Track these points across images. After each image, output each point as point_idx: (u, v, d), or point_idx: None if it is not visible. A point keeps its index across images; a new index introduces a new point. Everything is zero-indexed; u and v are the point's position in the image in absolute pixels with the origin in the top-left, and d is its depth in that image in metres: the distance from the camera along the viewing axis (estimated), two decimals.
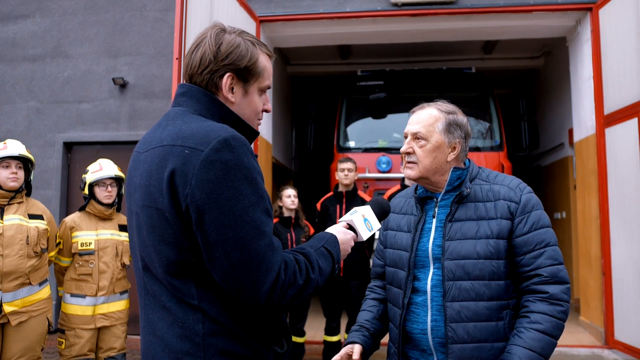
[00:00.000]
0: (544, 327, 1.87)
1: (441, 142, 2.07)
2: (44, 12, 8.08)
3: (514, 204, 1.99)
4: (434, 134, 2.07)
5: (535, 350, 1.84)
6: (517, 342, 1.87)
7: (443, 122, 2.08)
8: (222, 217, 1.35)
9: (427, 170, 2.08)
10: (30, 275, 3.79)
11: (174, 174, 1.39)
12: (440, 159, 2.08)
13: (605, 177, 6.63)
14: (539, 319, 1.89)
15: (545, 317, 1.89)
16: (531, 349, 1.84)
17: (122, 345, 4.24)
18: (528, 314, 1.92)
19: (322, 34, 7.88)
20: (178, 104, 1.60)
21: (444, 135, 2.07)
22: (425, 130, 2.08)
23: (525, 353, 1.84)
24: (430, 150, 2.07)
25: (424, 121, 2.10)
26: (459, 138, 2.10)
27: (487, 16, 7.29)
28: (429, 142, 2.07)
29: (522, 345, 1.86)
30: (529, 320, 1.90)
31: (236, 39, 1.58)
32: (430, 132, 2.07)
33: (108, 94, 7.79)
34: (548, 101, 10.32)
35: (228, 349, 1.43)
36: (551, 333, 1.88)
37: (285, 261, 1.43)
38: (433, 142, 2.07)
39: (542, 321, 1.88)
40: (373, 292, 2.40)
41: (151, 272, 1.50)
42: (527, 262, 1.95)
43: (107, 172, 4.19)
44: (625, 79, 6.26)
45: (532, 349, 1.84)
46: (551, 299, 1.91)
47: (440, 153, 2.08)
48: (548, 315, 1.89)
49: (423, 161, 2.08)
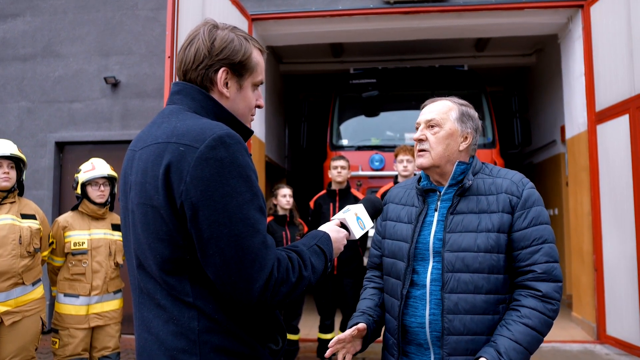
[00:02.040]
0: (533, 323, 1.89)
1: (454, 129, 2.09)
2: (35, 11, 8.03)
3: (515, 197, 2.00)
4: (448, 122, 2.10)
5: (522, 344, 1.86)
6: (504, 332, 1.89)
7: (457, 111, 2.12)
8: (216, 215, 1.35)
9: (440, 158, 2.09)
10: (23, 275, 3.78)
11: (169, 171, 1.39)
12: (452, 147, 2.09)
13: (597, 174, 6.67)
14: (528, 314, 1.90)
15: (535, 313, 1.90)
16: (517, 341, 1.86)
17: (116, 344, 4.23)
18: (519, 307, 1.93)
19: (314, 32, 7.88)
20: (173, 101, 1.60)
21: (458, 124, 2.10)
22: (440, 118, 2.10)
23: (511, 344, 1.85)
24: (444, 137, 2.09)
25: (438, 110, 2.13)
26: (470, 129, 2.13)
27: (479, 13, 7.32)
28: (442, 129, 2.09)
29: (508, 336, 1.87)
30: (519, 314, 1.91)
31: (229, 34, 1.59)
32: (444, 120, 2.10)
33: (100, 93, 7.76)
34: (540, 98, 10.37)
35: (223, 346, 1.43)
36: (539, 329, 1.90)
37: (279, 259, 1.44)
38: (447, 129, 2.09)
39: (532, 316, 1.89)
40: (372, 281, 2.38)
41: (145, 270, 1.50)
42: (523, 257, 1.97)
43: (100, 172, 4.18)
44: (617, 76, 6.30)
45: (518, 341, 1.86)
46: (543, 297, 1.92)
47: (453, 141, 2.09)
48: (538, 312, 1.90)
49: (436, 148, 2.09)
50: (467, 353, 1.93)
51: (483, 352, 1.86)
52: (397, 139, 8.00)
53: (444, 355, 1.95)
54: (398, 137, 8.08)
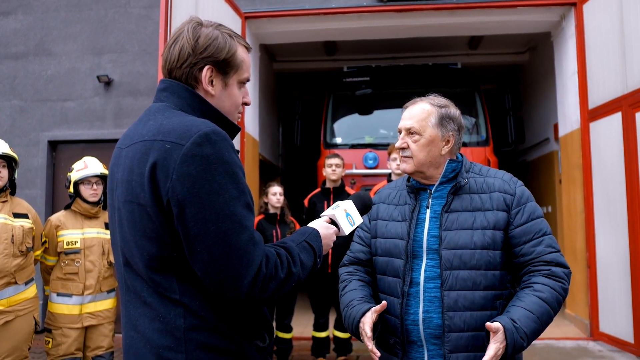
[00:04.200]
0: (545, 296, 1.92)
1: (435, 136, 2.11)
2: (26, 9, 7.99)
3: (509, 196, 2.05)
4: (427, 129, 2.11)
5: (534, 313, 1.88)
6: (517, 303, 1.92)
7: (436, 116, 2.12)
8: (203, 211, 1.35)
9: (421, 164, 2.12)
10: (16, 275, 3.76)
11: (155, 168, 1.39)
12: (434, 152, 2.11)
13: (589, 171, 6.69)
14: (540, 288, 1.93)
15: (547, 287, 1.93)
16: (530, 310, 1.88)
17: (109, 343, 4.22)
18: (531, 284, 1.97)
19: (307, 30, 7.88)
20: (159, 99, 1.60)
21: (437, 129, 2.11)
22: (419, 125, 2.11)
23: (524, 312, 1.87)
24: (424, 145, 2.10)
25: (417, 116, 2.13)
26: (452, 131, 2.14)
27: (472, 11, 7.33)
28: (422, 137, 2.11)
29: (521, 306, 1.90)
30: (531, 289, 1.95)
31: (214, 31, 1.58)
32: (423, 127, 2.11)
33: (93, 91, 7.73)
34: (533, 96, 10.39)
35: (209, 343, 1.43)
36: (551, 304, 1.92)
37: (267, 255, 1.44)
38: (427, 136, 2.10)
39: (544, 290, 1.93)
40: (356, 274, 2.31)
41: (132, 267, 1.50)
42: (527, 251, 2.01)
43: (92, 170, 4.17)
44: (609, 74, 6.32)
45: (531, 310, 1.88)
46: (553, 275, 1.96)
47: (434, 147, 2.11)
48: (549, 287, 1.94)
49: (417, 155, 2.11)
50: (469, 349, 1.96)
51: (498, 319, 1.88)
52: (390, 137, 7.99)
53: (445, 353, 1.98)
54: (392, 135, 8.08)
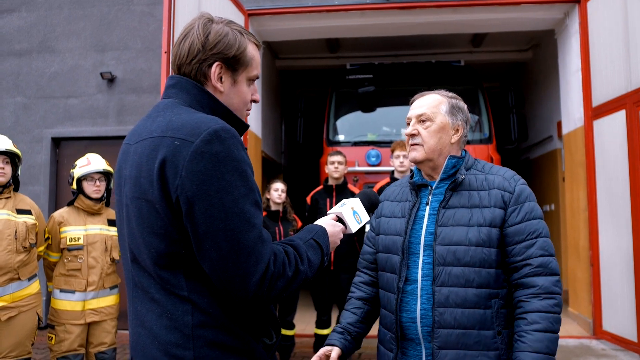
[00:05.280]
0: (543, 326, 1.88)
1: (446, 123, 2.11)
2: (30, 6, 8.00)
3: (507, 193, 2.01)
4: (439, 115, 2.11)
5: (541, 351, 1.85)
6: (521, 347, 1.88)
7: (447, 104, 2.13)
8: (212, 209, 1.34)
9: (432, 151, 2.10)
10: (19, 271, 3.77)
11: (164, 165, 1.38)
12: (444, 140, 2.11)
13: (593, 169, 6.67)
14: (536, 318, 1.89)
15: (541, 315, 1.89)
16: (537, 351, 1.85)
17: (112, 340, 4.23)
18: (524, 315, 1.92)
19: (310, 28, 7.87)
20: (168, 95, 1.59)
21: (448, 117, 2.12)
22: (430, 112, 2.12)
23: (532, 357, 1.85)
24: (436, 131, 2.10)
25: (429, 104, 2.14)
26: (461, 121, 2.15)
27: (475, 9, 7.31)
28: (434, 123, 2.11)
29: (527, 350, 1.86)
30: (526, 322, 1.90)
31: (224, 28, 1.57)
32: (435, 114, 2.11)
33: (96, 88, 7.74)
34: (536, 94, 10.37)
35: (217, 340, 1.43)
36: (551, 329, 1.89)
37: (275, 253, 1.43)
38: (438, 122, 2.11)
39: (540, 320, 1.88)
40: (359, 289, 2.37)
41: (140, 264, 1.49)
42: (518, 252, 1.96)
43: (95, 167, 4.17)
44: (613, 71, 6.30)
45: (537, 351, 1.85)
46: (543, 293, 1.91)
47: (445, 134, 2.11)
48: (543, 312, 1.89)
49: (428, 142, 2.10)
50: (458, 347, 1.93)
51: None
52: (393, 135, 8.00)
53: (434, 349, 1.95)
54: (394, 133, 8.08)
